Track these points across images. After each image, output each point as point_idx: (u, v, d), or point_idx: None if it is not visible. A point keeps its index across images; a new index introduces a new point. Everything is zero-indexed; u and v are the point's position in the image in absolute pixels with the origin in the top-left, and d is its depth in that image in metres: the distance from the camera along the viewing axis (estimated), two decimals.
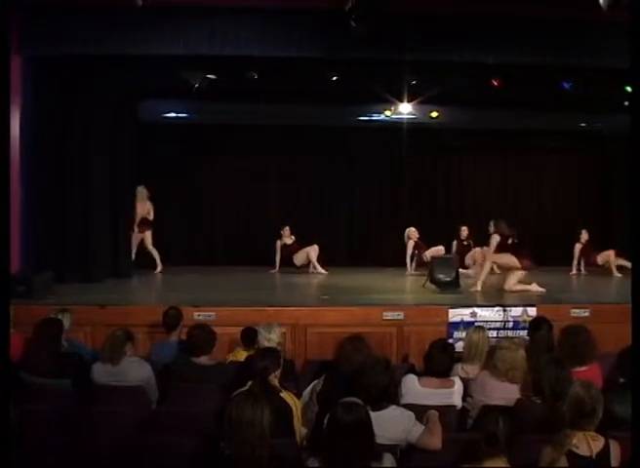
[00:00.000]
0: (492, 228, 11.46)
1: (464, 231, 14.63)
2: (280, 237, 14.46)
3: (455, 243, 14.51)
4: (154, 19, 9.81)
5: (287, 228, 14.54)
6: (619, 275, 13.53)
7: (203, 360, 6.80)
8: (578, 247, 14.39)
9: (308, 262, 14.22)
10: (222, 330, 7.92)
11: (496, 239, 11.35)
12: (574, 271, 14.27)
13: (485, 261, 11.73)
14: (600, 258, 14.19)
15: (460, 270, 12.15)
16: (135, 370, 6.54)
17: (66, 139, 11.56)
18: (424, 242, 14.23)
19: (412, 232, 14.29)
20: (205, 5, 9.93)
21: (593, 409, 4.60)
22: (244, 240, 16.24)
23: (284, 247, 14.38)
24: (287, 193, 16.43)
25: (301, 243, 14.35)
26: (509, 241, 11.39)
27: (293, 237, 14.49)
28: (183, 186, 15.99)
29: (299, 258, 14.30)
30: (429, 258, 13.35)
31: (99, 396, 6.28)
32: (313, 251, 14.19)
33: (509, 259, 11.31)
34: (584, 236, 14.46)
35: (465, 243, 14.50)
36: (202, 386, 6.34)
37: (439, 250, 13.88)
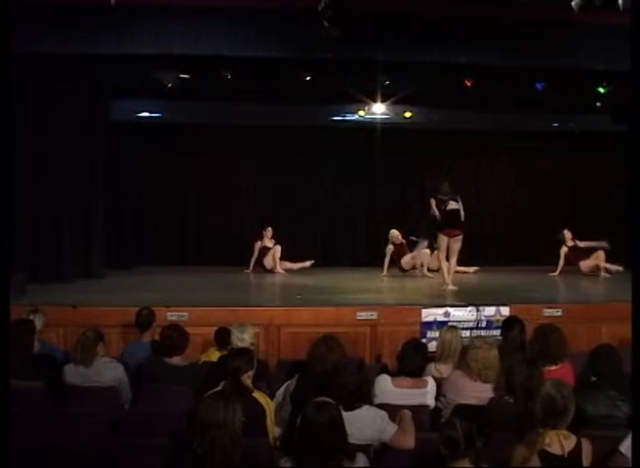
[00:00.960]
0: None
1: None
2: (261, 238, 14.43)
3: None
4: (126, 18, 9.74)
5: (269, 229, 14.51)
6: (607, 276, 13.61)
7: (176, 360, 6.77)
8: (564, 250, 14.31)
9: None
10: (195, 330, 7.90)
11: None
12: (557, 273, 14.26)
13: (441, 261, 11.80)
14: (585, 266, 14.15)
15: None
16: (107, 371, 6.51)
17: (38, 139, 11.49)
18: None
19: (394, 237, 14.17)
20: (177, 4, 9.88)
21: (565, 408, 4.62)
22: (218, 240, 16.19)
23: (264, 249, 14.35)
24: (260, 193, 16.40)
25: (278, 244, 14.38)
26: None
27: (273, 240, 14.46)
28: (156, 186, 15.93)
29: (268, 261, 14.32)
30: (404, 266, 13.52)
31: (71, 397, 6.24)
32: (277, 251, 14.25)
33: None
34: (568, 236, 14.39)
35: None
36: (175, 387, 6.31)
37: (415, 256, 13.92)
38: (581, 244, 14.33)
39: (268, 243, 14.41)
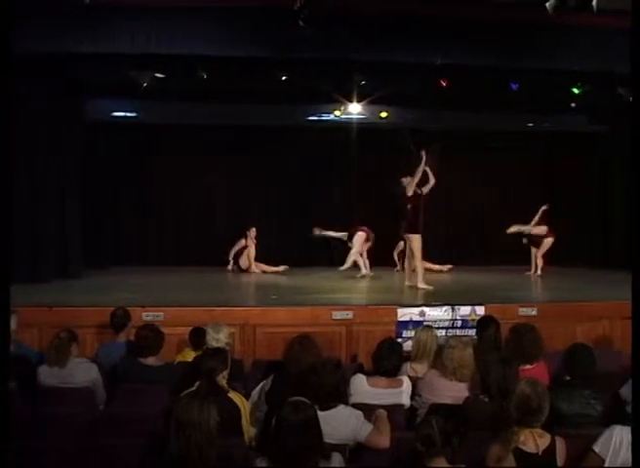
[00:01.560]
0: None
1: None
2: (245, 237, 14.44)
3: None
4: (101, 17, 9.67)
5: (253, 230, 14.51)
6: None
7: (151, 361, 6.75)
8: (534, 250, 14.46)
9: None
10: (171, 330, 7.91)
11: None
12: (532, 272, 14.33)
13: (417, 260, 11.81)
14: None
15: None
16: (82, 372, 6.48)
17: (12, 138, 11.39)
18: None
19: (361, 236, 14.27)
20: (153, 3, 9.83)
21: (539, 407, 4.65)
22: (193, 240, 16.17)
23: (242, 249, 14.38)
24: (236, 193, 16.38)
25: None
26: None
27: (255, 241, 14.47)
28: (133, 186, 15.87)
29: (243, 260, 14.33)
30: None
31: (45, 398, 6.20)
32: (251, 251, 14.32)
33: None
34: (517, 228, 14.51)
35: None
36: (150, 387, 6.29)
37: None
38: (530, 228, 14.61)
39: (250, 243, 14.43)
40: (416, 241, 11.63)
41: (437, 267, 14.14)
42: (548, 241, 14.21)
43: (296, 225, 16.59)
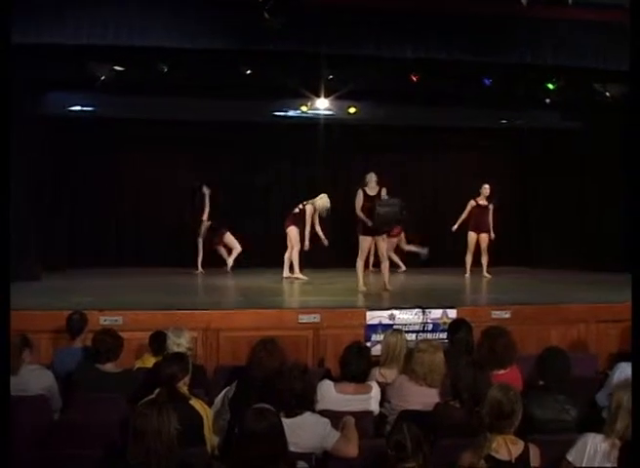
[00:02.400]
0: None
1: None
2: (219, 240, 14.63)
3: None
4: (57, 6, 9.59)
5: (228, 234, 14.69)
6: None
7: (109, 367, 6.72)
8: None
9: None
10: (130, 335, 7.88)
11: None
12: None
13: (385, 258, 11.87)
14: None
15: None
16: (35, 379, 6.41)
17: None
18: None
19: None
20: None
21: (512, 412, 4.67)
22: (155, 240, 16.07)
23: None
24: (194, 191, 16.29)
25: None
26: None
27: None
28: (91, 184, 15.75)
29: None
30: None
31: None
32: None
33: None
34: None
35: None
36: (107, 395, 6.26)
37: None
38: (406, 247, 15.01)
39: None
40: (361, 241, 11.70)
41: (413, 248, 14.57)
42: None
43: (261, 224, 16.54)
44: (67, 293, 10.79)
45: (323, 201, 13.70)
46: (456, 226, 14.44)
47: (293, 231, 13.68)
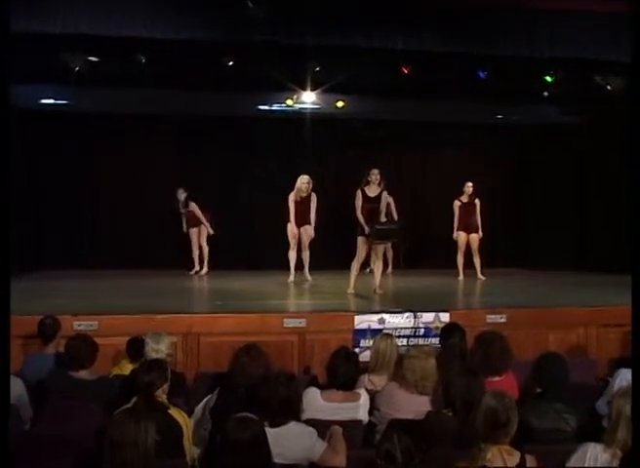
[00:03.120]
0: None
1: None
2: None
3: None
4: None
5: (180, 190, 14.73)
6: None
7: (83, 374, 6.69)
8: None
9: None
10: (106, 340, 7.84)
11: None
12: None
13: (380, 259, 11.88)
14: None
15: None
16: None
17: None
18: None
19: None
20: None
21: (507, 420, 4.66)
22: (132, 241, 16.05)
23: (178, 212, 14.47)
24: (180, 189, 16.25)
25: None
26: None
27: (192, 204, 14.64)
28: (64, 181, 15.71)
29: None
30: None
31: None
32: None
33: None
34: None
35: None
36: (81, 404, 6.22)
37: None
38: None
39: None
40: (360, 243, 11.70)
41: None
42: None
43: (245, 224, 16.54)
44: (39, 297, 10.76)
45: (299, 180, 13.55)
46: (455, 233, 14.40)
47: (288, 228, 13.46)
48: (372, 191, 11.66)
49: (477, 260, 14.37)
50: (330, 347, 7.45)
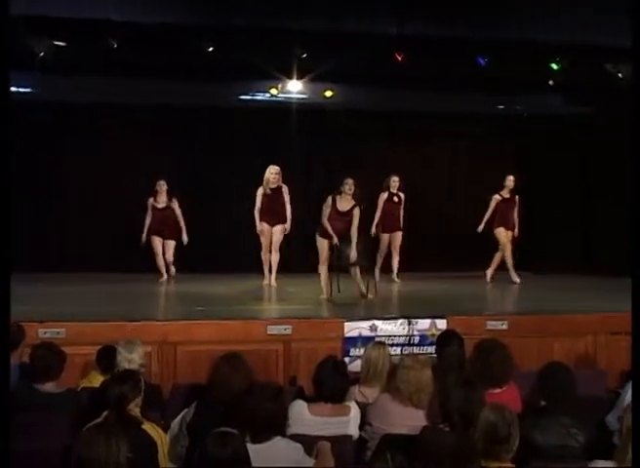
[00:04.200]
0: None
1: None
2: (154, 195, 14.21)
3: None
4: None
5: (163, 182, 14.27)
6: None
7: (49, 387, 6.67)
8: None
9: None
10: (74, 349, 7.83)
11: None
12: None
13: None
14: None
15: None
16: None
17: None
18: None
19: None
20: None
21: (508, 435, 4.67)
22: (102, 241, 16.00)
23: (154, 210, 14.12)
24: (154, 184, 16.18)
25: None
26: None
27: (174, 200, 14.24)
28: (28, 177, 15.65)
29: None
30: None
31: None
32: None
33: None
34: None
35: None
36: (48, 418, 6.21)
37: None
38: None
39: (161, 199, 14.24)
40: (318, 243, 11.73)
41: None
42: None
43: (226, 223, 16.52)
44: None
45: (267, 171, 13.28)
46: (481, 226, 14.33)
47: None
48: (343, 204, 11.39)
49: (511, 261, 14.29)
50: (317, 356, 7.45)
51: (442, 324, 9.33)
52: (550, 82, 13.64)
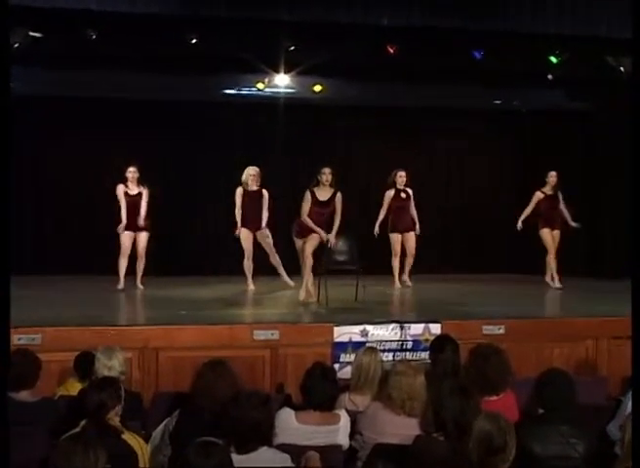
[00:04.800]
0: None
1: None
2: (124, 181, 13.57)
3: None
4: None
5: (134, 169, 13.59)
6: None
7: (24, 395, 6.64)
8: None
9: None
10: (50, 356, 7.85)
11: None
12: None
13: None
14: None
15: None
16: None
17: None
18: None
19: None
20: None
21: (504, 445, 4.67)
22: (81, 242, 15.96)
23: (127, 196, 13.73)
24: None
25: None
26: None
27: (145, 187, 13.61)
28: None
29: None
30: None
31: None
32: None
33: None
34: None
35: None
36: (22, 429, 6.18)
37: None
38: None
39: (132, 185, 13.56)
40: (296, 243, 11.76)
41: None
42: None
43: (209, 223, 16.51)
44: None
45: (245, 172, 13.31)
46: (520, 224, 14.15)
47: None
48: (322, 194, 11.61)
49: (554, 264, 14.07)
50: (306, 362, 7.46)
51: (436, 328, 9.34)
52: (550, 76, 13.65)
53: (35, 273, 14.81)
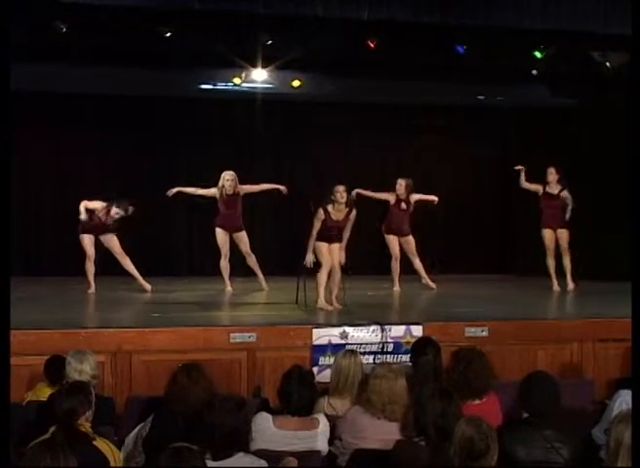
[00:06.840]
0: None
1: None
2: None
3: None
4: None
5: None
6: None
7: None
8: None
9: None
10: (19, 360, 7.78)
11: None
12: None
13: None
14: None
15: None
16: None
17: None
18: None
19: None
20: None
21: (486, 450, 4.68)
22: (51, 243, 15.90)
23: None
24: (108, 181, 16.06)
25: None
26: None
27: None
28: None
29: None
30: None
31: None
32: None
33: None
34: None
35: None
36: None
37: None
38: None
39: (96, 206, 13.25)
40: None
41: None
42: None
43: (185, 223, 16.46)
44: None
45: (222, 177, 13.14)
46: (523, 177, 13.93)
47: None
48: (337, 214, 11.27)
49: (568, 263, 13.76)
50: (284, 366, 7.47)
51: (417, 330, 9.34)
52: (534, 71, 13.68)
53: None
